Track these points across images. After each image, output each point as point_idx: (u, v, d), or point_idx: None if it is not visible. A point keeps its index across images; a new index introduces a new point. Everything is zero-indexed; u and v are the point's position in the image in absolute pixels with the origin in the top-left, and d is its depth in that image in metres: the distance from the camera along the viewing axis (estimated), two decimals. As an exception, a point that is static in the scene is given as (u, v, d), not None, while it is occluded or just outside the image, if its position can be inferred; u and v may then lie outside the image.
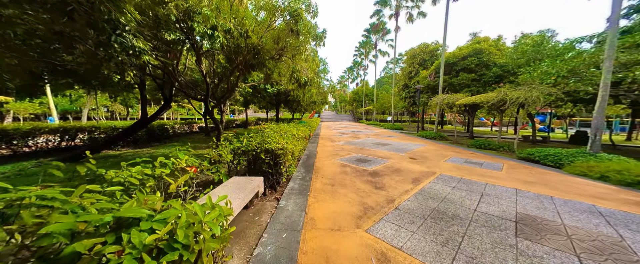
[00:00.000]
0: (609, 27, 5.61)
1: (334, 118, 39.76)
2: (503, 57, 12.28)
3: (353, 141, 9.87)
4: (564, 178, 4.49)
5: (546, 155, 6.11)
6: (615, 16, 5.59)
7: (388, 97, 28.38)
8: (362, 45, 34.61)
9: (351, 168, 5.02)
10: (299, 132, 5.62)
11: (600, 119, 5.68)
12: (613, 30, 5.52)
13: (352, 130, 17.64)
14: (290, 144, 3.81)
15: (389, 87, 41.87)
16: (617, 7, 5.51)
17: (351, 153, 6.96)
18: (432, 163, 5.72)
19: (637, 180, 3.93)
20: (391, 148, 8.24)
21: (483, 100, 8.87)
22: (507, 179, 4.36)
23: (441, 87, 13.11)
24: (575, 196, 3.49)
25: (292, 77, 4.76)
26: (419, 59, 20.38)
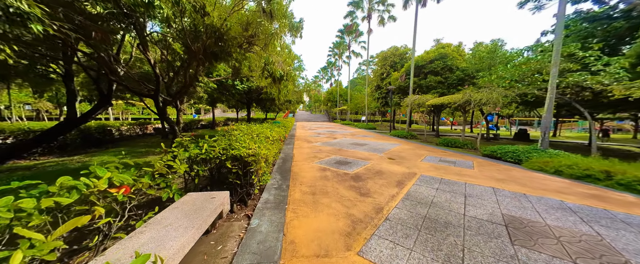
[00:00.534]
0: (556, 37, 6.35)
1: (309, 118, 39.36)
2: (464, 62, 13.45)
3: (330, 142, 9.58)
4: (526, 174, 4.82)
5: (506, 152, 6.63)
6: (560, 28, 6.35)
7: (361, 97, 29.12)
8: (336, 45, 34.94)
9: (332, 172, 4.65)
10: (274, 134, 5.04)
11: (548, 119, 6.37)
12: (558, 40, 6.25)
13: (328, 130, 17.45)
14: (264, 149, 3.25)
15: (361, 87, 43.19)
16: (561, 20, 6.24)
17: (330, 155, 6.61)
18: (410, 163, 5.70)
19: (585, 174, 4.37)
20: (369, 148, 8.16)
21: (451, 101, 9.44)
22: (481, 177, 4.48)
23: (411, 88, 13.72)
24: (544, 192, 3.67)
25: (265, 71, 4.13)
26: (389, 61, 21.25)
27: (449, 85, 13.29)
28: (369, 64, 38.55)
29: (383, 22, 22.30)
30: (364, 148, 8.02)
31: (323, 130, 17.33)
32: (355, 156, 6.51)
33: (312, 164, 5.34)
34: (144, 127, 12.25)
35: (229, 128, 4.83)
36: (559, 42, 6.22)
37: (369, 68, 37.52)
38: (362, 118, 31.58)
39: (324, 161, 5.71)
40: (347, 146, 8.36)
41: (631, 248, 2.10)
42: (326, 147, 8.06)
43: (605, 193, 3.66)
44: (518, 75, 8.49)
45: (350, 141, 9.98)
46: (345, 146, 8.36)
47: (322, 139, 10.70)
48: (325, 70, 46.73)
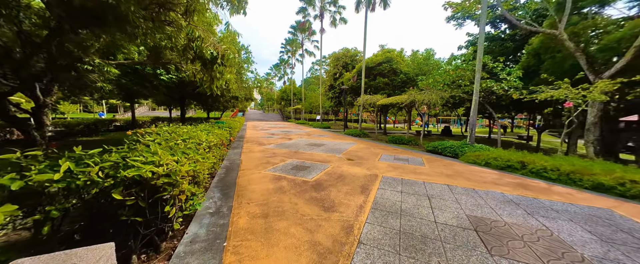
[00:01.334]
0: (479, 49, 7.47)
1: (262, 118, 36.98)
2: (406, 66, 14.94)
3: (285, 143, 8.77)
4: (466, 168, 5.32)
5: (445, 147, 7.39)
6: (481, 43, 7.50)
7: (316, 96, 29.15)
8: (288, 42, 33.83)
9: (289, 180, 3.93)
10: (212, 138, 3.92)
11: (474, 118, 7.45)
12: (480, 51, 7.36)
13: (282, 130, 16.45)
14: (190, 162, 2.26)
15: (315, 87, 43.50)
16: (482, 36, 7.36)
17: (286, 158, 5.85)
18: (369, 163, 5.55)
19: (506, 164, 5.10)
20: (326, 149, 7.79)
21: (399, 101, 10.13)
22: (434, 174, 4.64)
23: (363, 89, 14.28)
24: (486, 185, 3.98)
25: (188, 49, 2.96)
26: (341, 62, 21.87)
27: (395, 86, 14.52)
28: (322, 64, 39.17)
29: (335, 24, 22.74)
30: (322, 149, 7.60)
31: (277, 130, 16.22)
32: (314, 158, 5.96)
33: (265, 172, 4.47)
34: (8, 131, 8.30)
35: (143, 131, 3.44)
36: (480, 53, 7.34)
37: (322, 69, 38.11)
38: (317, 118, 31.71)
39: (278, 167, 4.92)
40: (304, 148, 7.75)
41: (575, 238, 2.24)
42: (281, 150, 7.23)
43: (525, 181, 4.27)
44: (449, 80, 9.78)
45: (307, 142, 9.43)
46: (302, 148, 7.73)
47: (276, 140, 9.76)
48: (278, 68, 44.83)
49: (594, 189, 3.77)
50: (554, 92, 5.56)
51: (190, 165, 2.20)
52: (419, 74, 13.73)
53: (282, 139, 10.36)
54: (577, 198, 3.45)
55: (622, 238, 2.27)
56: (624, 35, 6.30)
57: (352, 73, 16.71)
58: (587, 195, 3.56)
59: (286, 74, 43.61)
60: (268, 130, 16.12)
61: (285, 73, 43.40)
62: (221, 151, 4.76)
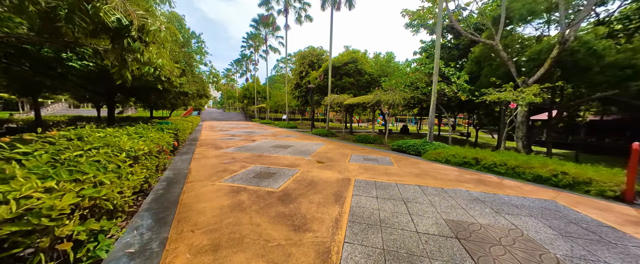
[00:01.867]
0: (436, 53, 8.03)
1: (221, 117, 33.86)
2: (370, 67, 15.48)
3: (248, 146, 7.87)
4: (430, 166, 5.53)
5: (409, 145, 7.71)
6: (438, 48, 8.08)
7: (281, 95, 28.07)
8: (250, 36, 31.64)
9: (250, 193, 3.29)
10: (142, 145, 2.97)
11: (433, 117, 7.99)
12: (437, 55, 7.91)
13: (245, 130, 15.13)
14: (78, 190, 1.48)
15: (281, 85, 42.07)
16: (438, 42, 7.92)
17: (247, 164, 5.10)
18: (340, 165, 5.27)
19: (463, 161, 5.48)
20: (294, 150, 7.25)
21: (365, 101, 10.27)
22: (404, 175, 4.61)
23: (330, 88, 14.18)
24: (451, 183, 4.10)
25: (77, 14, 1.97)
26: (308, 60, 21.49)
27: (360, 87, 14.88)
28: (288, 62, 38.04)
29: (300, 21, 22.17)
30: (289, 151, 7.03)
31: (239, 130, 14.84)
32: (280, 163, 5.37)
33: (220, 184, 3.70)
34: None
35: (12, 139, 2.30)
36: (437, 57, 7.90)
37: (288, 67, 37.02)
38: (283, 117, 30.64)
39: (238, 175, 4.18)
40: (269, 151, 7.05)
41: (542, 236, 2.30)
42: (242, 154, 6.38)
43: (482, 177, 4.59)
44: (408, 81, 10.38)
45: (273, 144, 8.70)
46: (266, 151, 7.01)
47: (237, 143, 8.73)
48: (239, 63, 41.60)
49: (534, 181, 4.25)
50: (500, 94, 6.31)
51: (84, 191, 1.42)
52: (382, 75, 14.36)
53: (244, 141, 9.36)
54: (525, 190, 3.79)
55: (575, 231, 2.43)
56: (543, 48, 7.59)
57: (319, 72, 16.49)
58: (531, 187, 3.96)
59: (249, 71, 40.98)
60: (228, 131, 14.61)
61: (248, 69, 40.74)
62: (161, 159, 3.76)
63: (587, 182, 3.70)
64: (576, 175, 3.83)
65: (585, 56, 6.85)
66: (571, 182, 3.84)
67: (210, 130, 14.47)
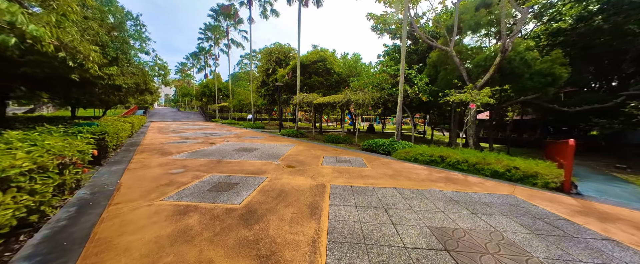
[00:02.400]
0: (402, 56, 8.32)
1: (175, 117, 29.91)
2: (338, 67, 15.52)
3: (205, 150, 6.80)
4: (401, 165, 5.57)
5: (378, 145, 7.79)
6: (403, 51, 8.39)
7: (246, 93, 26.17)
8: (209, 28, 28.56)
9: (202, 213, 2.60)
10: (19, 160, 2.00)
11: (400, 117, 8.26)
12: (403, 58, 8.20)
13: (203, 132, 13.43)
14: None
15: (245, 83, 39.42)
16: (404, 45, 8.21)
17: (202, 173, 4.25)
18: (313, 169, 4.85)
19: (430, 159, 5.69)
20: (261, 154, 6.54)
21: (335, 100, 10.11)
22: (379, 176, 4.46)
23: (299, 87, 13.65)
24: (424, 183, 4.09)
25: None
26: (274, 57, 20.47)
27: (329, 86, 14.77)
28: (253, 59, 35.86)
29: (266, 15, 20.96)
30: (255, 155, 6.29)
31: (195, 132, 13.08)
32: (244, 169, 4.66)
33: (160, 203, 2.87)
34: None
35: None
36: (403, 58, 8.20)
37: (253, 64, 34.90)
38: (248, 117, 28.70)
39: (188, 189, 3.37)
40: (231, 155, 6.17)
41: (519, 238, 2.29)
42: (196, 160, 5.39)
43: (449, 175, 4.76)
44: (375, 82, 10.65)
45: (236, 147, 7.76)
46: (228, 155, 6.13)
47: (192, 147, 7.50)
48: (196, 57, 37.25)
49: (492, 176, 4.59)
50: (461, 95, 6.82)
51: None
52: (350, 75, 14.52)
53: (201, 144, 8.13)
54: (487, 186, 4.01)
55: (543, 228, 2.53)
56: (488, 56, 8.58)
57: (287, 69, 15.78)
58: (492, 183, 4.23)
59: (208, 65, 37.23)
60: (182, 132, 12.74)
61: (207, 64, 36.98)
62: (69, 176, 2.71)
63: (534, 176, 4.11)
64: (525, 169, 4.23)
65: (519, 64, 8.01)
66: (522, 176, 4.23)
67: (158, 132, 12.36)
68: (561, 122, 17.42)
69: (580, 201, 3.42)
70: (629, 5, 10.53)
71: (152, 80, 11.19)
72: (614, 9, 10.79)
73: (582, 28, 11.72)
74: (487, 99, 6.27)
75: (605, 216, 2.87)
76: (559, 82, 7.99)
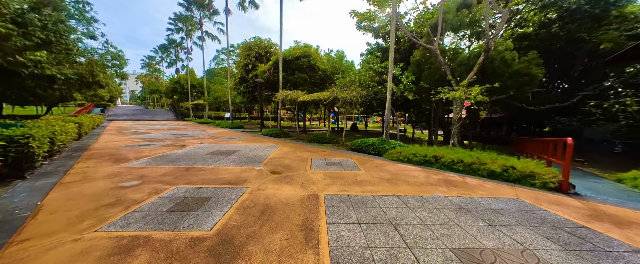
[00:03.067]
0: (390, 52, 8.04)
1: (141, 115, 26.96)
2: (322, 64, 14.98)
3: (171, 155, 5.79)
4: (396, 167, 5.22)
5: (368, 145, 7.44)
6: (392, 50, 8.12)
7: (224, 90, 24.38)
8: (180, 18, 25.99)
9: (154, 249, 1.87)
10: None
11: (389, 116, 8.00)
12: (392, 55, 7.92)
13: (173, 132, 11.98)
14: None
15: (222, 79, 36.99)
16: (393, 43, 7.94)
17: (164, 186, 3.40)
18: (302, 175, 4.25)
19: (422, 160, 5.44)
20: (240, 157, 5.74)
21: (322, 98, 9.56)
22: (375, 181, 4.03)
23: (281, 83, 12.85)
24: (424, 188, 3.74)
25: None
26: (254, 52, 19.24)
27: (313, 83, 14.17)
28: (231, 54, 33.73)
29: (244, 6, 19.56)
30: (234, 159, 5.49)
31: (163, 133, 11.61)
32: (220, 178, 3.90)
33: (93, 236, 2.06)
34: None
35: None
36: (392, 56, 7.93)
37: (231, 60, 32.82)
38: (226, 116, 26.87)
39: (141, 210, 2.56)
40: (203, 160, 5.29)
41: (555, 257, 1.95)
42: (159, 168, 4.46)
43: (446, 177, 4.50)
44: (362, 79, 10.33)
45: (211, 149, 6.82)
46: (200, 160, 5.25)
47: (156, 150, 6.40)
48: (166, 50, 33.85)
49: (489, 177, 4.42)
50: (455, 93, 6.71)
51: None
52: (335, 73, 14.08)
53: (169, 148, 7.03)
54: (489, 189, 3.79)
55: (571, 241, 2.25)
56: (471, 55, 8.71)
57: (268, 65, 14.83)
58: (491, 185, 4.03)
59: (180, 60, 34.20)
60: (147, 133, 11.21)
61: (179, 58, 33.95)
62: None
63: (532, 176, 3.99)
64: (522, 169, 4.11)
65: (499, 64, 8.25)
66: (519, 176, 4.10)
67: (116, 134, 10.70)
68: (524, 120, 19.00)
69: (583, 202, 3.31)
70: (581, 15, 11.63)
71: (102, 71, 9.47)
72: (570, 18, 11.85)
73: (543, 34, 12.68)
74: (480, 97, 6.22)
75: (618, 220, 2.73)
76: (535, 81, 8.38)
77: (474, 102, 6.29)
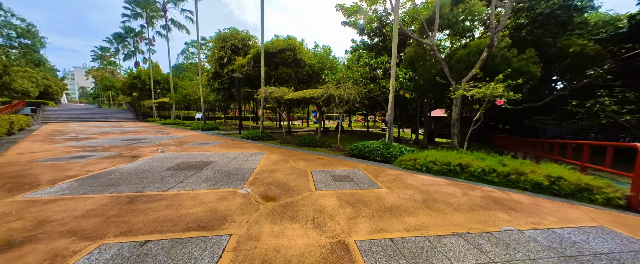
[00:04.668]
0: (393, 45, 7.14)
1: (92, 116, 22.85)
2: (308, 59, 13.72)
3: (112, 174, 4.06)
4: (419, 181, 4.26)
5: (371, 150, 6.44)
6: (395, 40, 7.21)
7: (194, 86, 21.58)
8: (138, 1, 22.28)
9: None
10: None
11: (392, 116, 7.10)
12: (395, 47, 7.03)
13: (126, 138, 9.70)
14: None
15: (192, 75, 33.36)
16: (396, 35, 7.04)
17: (78, 245, 1.89)
18: (307, 203, 3.01)
19: (445, 169, 4.57)
20: (216, 173, 4.27)
21: (314, 95, 8.33)
22: (412, 208, 2.97)
23: (263, 79, 11.30)
24: (480, 215, 2.80)
25: None
26: (230, 44, 17.11)
27: (299, 80, 12.84)
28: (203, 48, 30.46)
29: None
30: (207, 177, 4.00)
31: (113, 139, 9.30)
32: (183, 216, 2.47)
33: None
34: None
35: None
36: (395, 51, 7.03)
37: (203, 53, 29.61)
38: (197, 116, 23.99)
39: None
40: (161, 180, 3.72)
41: None
42: (79, 202, 2.83)
43: (487, 192, 3.65)
44: (356, 76, 9.35)
45: (175, 161, 5.16)
46: (156, 181, 3.68)
47: (92, 165, 4.55)
48: (121, 39, 29.12)
49: (533, 190, 3.67)
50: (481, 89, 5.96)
51: None
52: (322, 69, 12.92)
53: (113, 161, 5.17)
54: (550, 210, 2.99)
55: None
56: (471, 50, 8.24)
57: (247, 58, 13.08)
58: (549, 203, 3.25)
59: (140, 52, 29.88)
60: (89, 139, 8.84)
61: (139, 50, 29.64)
62: None
63: (588, 189, 3.32)
64: (576, 181, 3.41)
65: (500, 62, 7.93)
66: (572, 190, 3.40)
67: (45, 141, 8.18)
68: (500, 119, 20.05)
69: (672, 225, 2.65)
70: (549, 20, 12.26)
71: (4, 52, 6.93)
72: (540, 23, 12.42)
73: (516, 38, 13.14)
74: (510, 94, 5.59)
75: None
76: (533, 80, 8.22)
77: (505, 100, 5.66)
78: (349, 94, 7.48)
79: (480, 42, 8.42)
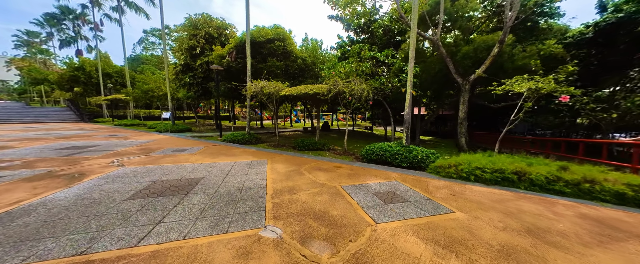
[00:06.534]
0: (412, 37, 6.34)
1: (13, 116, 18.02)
2: (299, 51, 12.40)
3: (33, 213, 2.38)
4: (480, 194, 3.48)
5: (393, 154, 5.60)
6: (413, 32, 6.44)
7: (158, 80, 18.36)
8: (79, -26, 17.92)
9: None
10: None
11: (410, 114, 6.32)
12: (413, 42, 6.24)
13: (63, 145, 7.26)
14: None
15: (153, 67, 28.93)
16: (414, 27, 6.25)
17: None
18: (375, 244, 1.94)
19: (498, 177, 3.90)
20: (212, 199, 2.88)
21: (318, 91, 7.13)
22: (518, 244, 2.11)
23: (250, 72, 9.69)
24: (613, 253, 2.05)
25: None
26: (203, 33, 14.76)
27: (290, 74, 11.45)
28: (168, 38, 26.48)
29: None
30: (200, 207, 2.60)
31: (43, 146, 6.84)
32: None
33: None
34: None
35: None
36: (413, 44, 6.24)
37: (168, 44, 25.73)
38: (164, 115, 20.63)
39: None
40: (123, 221, 2.21)
41: None
42: None
43: (579, 209, 3.01)
44: (360, 70, 8.45)
45: (141, 182, 3.52)
46: (116, 220, 2.16)
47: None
48: (57, 22, 23.53)
49: (616, 201, 3.14)
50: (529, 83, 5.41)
51: None
52: (315, 62, 11.74)
53: (37, 185, 3.32)
54: (669, 230, 2.40)
55: None
56: (478, 46, 7.96)
57: (227, 48, 11.21)
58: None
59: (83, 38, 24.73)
60: (3, 150, 6.30)
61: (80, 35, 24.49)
62: None
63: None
64: (666, 189, 2.95)
65: (506, 59, 7.81)
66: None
67: None
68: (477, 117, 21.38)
69: None
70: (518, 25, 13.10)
71: None
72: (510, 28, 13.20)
73: None
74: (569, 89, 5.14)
75: None
76: (535, 78, 8.28)
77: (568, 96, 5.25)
78: (361, 90, 6.50)
79: (487, 37, 8.19)
